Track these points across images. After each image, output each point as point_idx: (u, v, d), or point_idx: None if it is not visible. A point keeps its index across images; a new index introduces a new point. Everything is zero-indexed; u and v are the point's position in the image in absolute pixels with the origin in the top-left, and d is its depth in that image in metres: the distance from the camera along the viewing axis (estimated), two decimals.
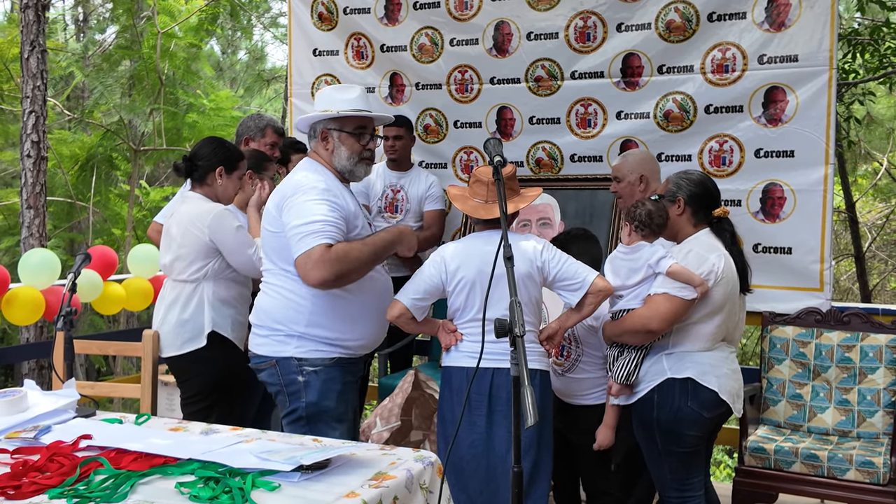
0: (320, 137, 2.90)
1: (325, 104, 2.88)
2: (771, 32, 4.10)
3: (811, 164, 4.05)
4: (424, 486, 2.09)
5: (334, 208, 2.70)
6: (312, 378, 2.78)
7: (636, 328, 2.89)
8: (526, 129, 4.73)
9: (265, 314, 2.84)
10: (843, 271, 11.40)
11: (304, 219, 2.64)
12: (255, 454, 2.08)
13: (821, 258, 4.03)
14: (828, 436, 3.79)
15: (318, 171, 2.84)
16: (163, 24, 9.36)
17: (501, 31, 4.72)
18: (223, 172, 3.30)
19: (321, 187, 2.73)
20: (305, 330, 2.77)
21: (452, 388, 2.90)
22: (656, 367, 2.93)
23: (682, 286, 2.82)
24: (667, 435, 2.91)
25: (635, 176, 3.59)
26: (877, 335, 3.85)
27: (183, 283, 3.25)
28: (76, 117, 10.09)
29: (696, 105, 4.29)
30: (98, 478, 1.96)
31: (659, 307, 2.84)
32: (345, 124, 2.87)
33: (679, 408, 2.88)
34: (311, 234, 2.61)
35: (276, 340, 2.80)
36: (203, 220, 3.18)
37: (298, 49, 5.32)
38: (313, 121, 2.90)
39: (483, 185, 2.87)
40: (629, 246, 2.96)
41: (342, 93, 2.89)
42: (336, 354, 2.80)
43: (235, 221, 3.22)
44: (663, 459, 2.94)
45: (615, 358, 2.99)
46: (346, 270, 2.64)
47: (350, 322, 2.81)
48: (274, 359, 2.80)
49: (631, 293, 2.94)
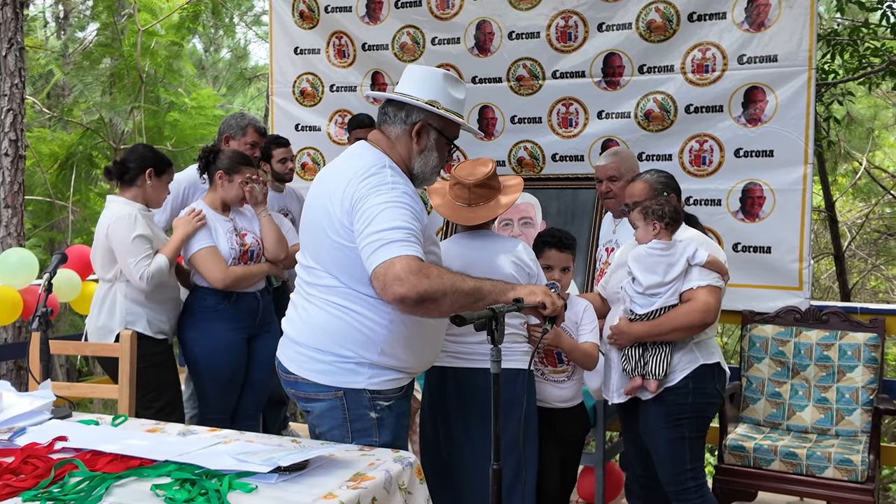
0: (413, 130, 2.42)
1: (433, 92, 2.41)
2: (751, 32, 4.13)
3: (790, 163, 4.07)
4: (403, 486, 2.08)
5: (416, 217, 2.27)
6: (386, 414, 2.40)
7: (693, 324, 2.92)
8: (508, 128, 4.73)
9: (326, 336, 2.38)
10: (823, 270, 11.50)
11: (385, 224, 2.20)
12: (232, 455, 2.06)
13: (800, 257, 4.06)
14: (807, 434, 3.81)
15: (392, 167, 2.37)
16: (144, 21, 9.29)
17: (483, 30, 4.72)
18: (153, 174, 3.44)
19: (401, 189, 2.30)
20: (379, 359, 2.37)
21: (432, 387, 2.89)
22: (689, 356, 2.99)
23: (717, 276, 2.93)
24: (695, 421, 3.01)
25: (632, 174, 3.58)
26: (855, 334, 3.88)
27: (102, 282, 3.46)
28: (56, 115, 9.99)
29: (677, 105, 4.31)
30: (73, 480, 1.94)
31: (709, 300, 2.90)
32: (449, 128, 2.46)
33: (710, 392, 3.01)
34: (393, 242, 2.17)
35: (345, 369, 2.37)
36: (106, 223, 3.36)
37: (279, 47, 5.30)
38: (417, 104, 2.40)
39: (465, 188, 2.84)
40: (664, 242, 2.97)
41: (456, 88, 2.46)
42: (405, 382, 2.48)
43: (135, 230, 3.31)
44: (686, 448, 3.00)
45: (639, 357, 3.00)
46: (433, 294, 2.14)
47: (420, 346, 2.46)
48: (341, 390, 2.38)
49: (669, 289, 2.95)
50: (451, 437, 2.88)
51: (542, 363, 3.08)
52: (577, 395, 3.14)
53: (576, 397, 3.14)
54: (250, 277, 3.52)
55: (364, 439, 2.37)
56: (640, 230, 3.03)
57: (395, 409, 2.43)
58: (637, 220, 3.05)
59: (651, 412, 3.03)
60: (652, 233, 2.99)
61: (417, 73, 2.46)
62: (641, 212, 3.02)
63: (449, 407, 2.88)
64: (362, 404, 2.38)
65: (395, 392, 2.43)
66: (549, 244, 3.04)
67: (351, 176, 2.33)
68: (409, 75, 2.47)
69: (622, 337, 3.05)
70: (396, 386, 2.43)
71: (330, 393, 2.39)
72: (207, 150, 3.58)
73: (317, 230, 2.41)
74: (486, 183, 2.82)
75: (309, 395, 2.44)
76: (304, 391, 2.45)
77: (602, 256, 3.76)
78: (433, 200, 2.96)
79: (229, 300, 3.48)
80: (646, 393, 3.02)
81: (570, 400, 3.12)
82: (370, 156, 2.41)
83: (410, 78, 2.46)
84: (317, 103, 5.21)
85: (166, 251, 3.38)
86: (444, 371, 2.85)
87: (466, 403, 2.83)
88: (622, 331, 3.05)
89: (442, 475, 2.86)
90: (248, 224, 3.59)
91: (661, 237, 2.98)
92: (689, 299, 2.94)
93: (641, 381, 3.00)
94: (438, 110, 2.40)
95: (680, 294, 2.96)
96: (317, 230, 2.41)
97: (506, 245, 2.88)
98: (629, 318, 3.05)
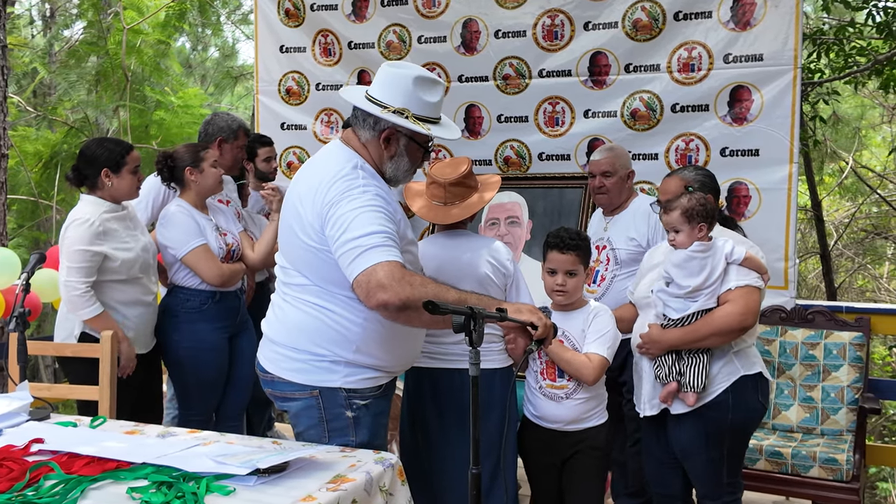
0: (381, 137, 2.37)
1: (403, 99, 2.33)
2: (736, 31, 4.12)
3: (776, 162, 4.07)
4: (384, 488, 2.06)
5: (391, 219, 2.25)
6: (363, 413, 2.37)
7: (732, 328, 2.67)
8: (494, 127, 4.72)
9: (301, 335, 2.36)
10: (811, 269, 11.54)
11: (361, 230, 2.17)
12: (211, 458, 2.04)
13: (785, 256, 4.06)
14: (792, 433, 3.81)
15: (364, 168, 2.34)
16: (131, 19, 9.22)
17: (469, 28, 4.70)
18: (109, 174, 3.27)
19: (373, 191, 2.26)
20: (354, 357, 2.34)
21: (409, 388, 2.87)
22: (728, 367, 2.74)
23: (756, 275, 2.71)
24: (736, 436, 2.76)
25: (626, 171, 3.56)
26: (840, 333, 3.88)
27: None
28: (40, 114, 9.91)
29: (663, 104, 4.30)
30: (48, 483, 1.91)
31: (748, 300, 2.67)
32: (419, 134, 2.38)
33: (753, 406, 2.75)
34: (372, 248, 2.14)
35: (320, 367, 2.34)
36: (67, 225, 3.23)
37: (265, 45, 5.27)
38: (384, 117, 2.34)
39: (440, 187, 2.82)
40: (704, 243, 2.73)
41: (427, 92, 2.37)
42: (384, 381, 2.44)
43: (78, 243, 3.12)
44: (725, 464, 2.76)
45: (672, 364, 2.75)
46: (416, 303, 2.07)
47: (397, 345, 2.41)
48: (317, 388, 2.35)
49: (709, 291, 2.71)
50: (428, 438, 2.87)
51: (541, 375, 2.82)
52: (582, 418, 2.79)
53: (581, 420, 2.79)
54: (238, 274, 3.52)
55: (340, 438, 2.35)
56: (684, 235, 2.74)
57: (372, 408, 2.39)
58: (679, 224, 2.75)
59: (687, 429, 2.76)
60: (698, 235, 2.73)
61: (388, 77, 2.38)
62: (684, 215, 2.74)
63: (426, 408, 2.86)
64: (338, 403, 2.35)
65: (372, 391, 2.39)
66: (551, 245, 2.80)
67: (322, 178, 2.30)
68: (380, 77, 2.40)
69: (654, 346, 2.79)
70: (373, 385, 2.40)
71: (306, 392, 2.37)
72: (164, 155, 3.49)
73: (288, 231, 2.40)
74: (461, 182, 2.80)
75: (285, 395, 2.41)
76: (280, 390, 2.42)
77: (593, 255, 3.73)
78: (410, 201, 2.93)
79: (213, 300, 3.45)
80: (680, 406, 2.76)
81: (573, 422, 2.79)
82: (342, 156, 2.37)
83: (382, 81, 2.39)
84: (302, 102, 5.19)
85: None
86: (421, 372, 2.83)
87: (443, 404, 2.82)
88: (654, 339, 2.78)
89: (421, 476, 2.84)
90: (226, 224, 3.56)
91: (704, 237, 2.75)
92: (726, 301, 2.70)
93: (678, 386, 2.73)
94: (406, 122, 2.32)
95: (717, 296, 2.72)
96: (288, 231, 2.40)
97: (482, 244, 2.85)
98: (661, 325, 2.80)
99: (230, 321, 3.52)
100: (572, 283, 2.79)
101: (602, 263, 3.54)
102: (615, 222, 3.55)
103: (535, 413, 2.85)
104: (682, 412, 2.76)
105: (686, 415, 2.74)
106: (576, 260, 2.78)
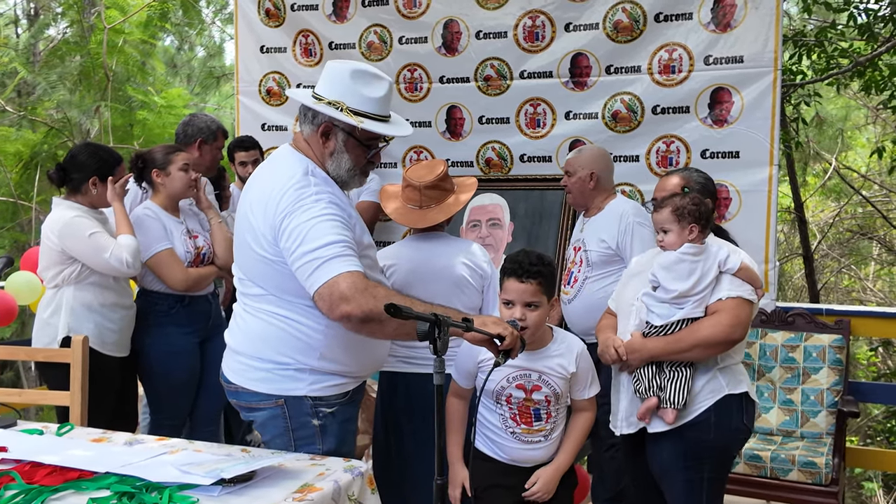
0: (319, 131, 2.31)
1: (339, 92, 2.27)
2: (717, 33, 4.11)
3: (756, 164, 4.06)
4: (353, 497, 2.03)
5: (347, 226, 2.20)
6: (329, 421, 2.32)
7: (718, 339, 2.49)
8: (476, 128, 4.69)
9: (264, 344, 2.31)
10: (795, 270, 11.57)
11: (318, 241, 2.12)
12: (176, 467, 2.00)
13: (765, 258, 4.05)
14: (772, 436, 3.80)
15: (316, 173, 2.28)
16: (113, 19, 9.14)
17: (450, 29, 4.67)
18: (97, 182, 3.30)
19: (326, 199, 2.20)
20: (319, 364, 2.30)
21: (383, 392, 2.85)
22: (712, 385, 2.56)
23: (750, 288, 2.53)
24: (719, 458, 2.60)
25: (586, 172, 3.54)
26: (820, 335, 3.88)
27: (49, 288, 3.32)
28: (20, 114, 9.80)
29: (644, 105, 4.28)
30: (7, 493, 1.86)
31: (739, 313, 2.49)
32: (361, 130, 2.31)
33: (736, 427, 2.58)
34: (331, 259, 2.10)
35: (284, 376, 2.29)
36: (54, 228, 3.21)
37: (245, 46, 5.22)
38: (316, 108, 2.29)
39: (415, 190, 2.79)
40: (697, 246, 2.56)
41: (367, 86, 2.30)
42: (350, 387, 2.38)
43: (88, 229, 3.19)
44: (704, 489, 2.57)
45: (652, 378, 2.55)
46: (379, 315, 2.01)
47: (362, 350, 2.35)
48: (282, 397, 2.30)
49: (697, 299, 2.54)
50: (401, 442, 2.84)
51: (513, 420, 2.48)
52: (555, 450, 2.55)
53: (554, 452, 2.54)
54: (207, 279, 3.47)
55: (308, 447, 2.30)
56: (673, 235, 2.59)
57: (338, 415, 2.35)
58: (668, 223, 2.59)
59: (666, 449, 2.58)
60: (688, 237, 2.57)
61: (328, 71, 2.34)
62: (675, 213, 2.58)
63: (398, 412, 2.83)
64: (304, 412, 2.31)
65: (338, 398, 2.35)
66: (508, 272, 2.41)
67: (273, 186, 2.25)
68: (324, 72, 2.36)
69: (635, 355, 2.58)
70: (339, 392, 2.36)
71: (271, 401, 2.32)
72: (137, 155, 3.45)
73: (241, 241, 2.36)
74: (436, 184, 2.77)
75: (251, 405, 2.37)
76: (245, 401, 2.39)
77: (570, 255, 3.71)
78: (384, 204, 2.90)
79: (182, 304, 3.41)
80: (658, 423, 2.57)
81: (548, 459, 2.53)
82: (292, 162, 2.32)
83: (323, 76, 2.35)
84: (283, 102, 5.14)
85: (124, 230, 3.24)
86: (395, 376, 2.81)
87: (416, 409, 2.79)
88: (635, 348, 2.58)
89: (393, 483, 2.81)
90: (198, 226, 3.52)
91: (696, 241, 2.58)
92: (715, 311, 2.52)
93: (658, 402, 2.54)
94: (337, 113, 2.25)
95: (706, 306, 2.54)
96: (241, 241, 2.36)
97: (458, 247, 2.83)
98: (643, 333, 2.60)
99: (201, 325, 3.48)
100: (533, 318, 2.38)
101: (577, 265, 3.52)
102: (590, 224, 3.53)
103: (503, 454, 2.52)
104: (660, 430, 2.57)
105: (665, 434, 2.56)
106: (537, 290, 2.37)
